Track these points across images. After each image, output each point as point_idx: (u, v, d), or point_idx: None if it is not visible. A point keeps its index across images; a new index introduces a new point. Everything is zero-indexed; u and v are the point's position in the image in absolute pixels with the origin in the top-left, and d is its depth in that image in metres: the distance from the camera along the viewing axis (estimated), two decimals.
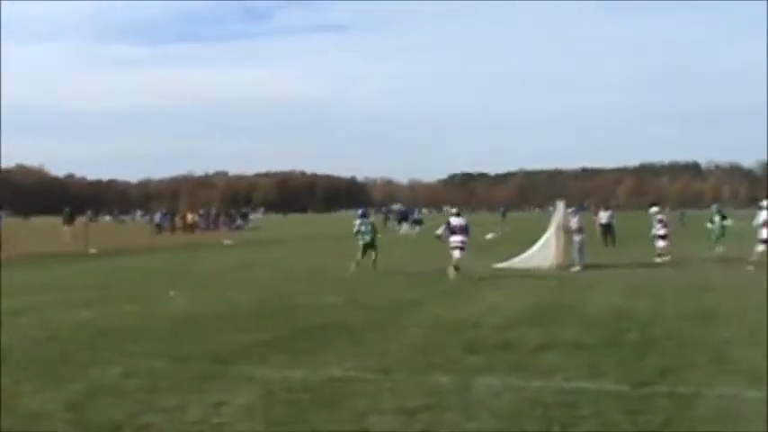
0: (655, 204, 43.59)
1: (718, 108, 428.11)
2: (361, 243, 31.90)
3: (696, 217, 79.14)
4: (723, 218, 40.20)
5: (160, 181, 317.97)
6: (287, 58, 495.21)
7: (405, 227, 75.20)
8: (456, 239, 29.66)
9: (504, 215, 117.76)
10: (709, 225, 41.62)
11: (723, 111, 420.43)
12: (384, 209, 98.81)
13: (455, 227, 30.05)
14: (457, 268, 28.83)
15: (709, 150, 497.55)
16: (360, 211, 34.30)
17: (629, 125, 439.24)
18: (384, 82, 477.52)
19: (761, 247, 30.53)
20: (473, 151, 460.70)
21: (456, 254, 29.34)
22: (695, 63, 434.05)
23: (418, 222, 74.51)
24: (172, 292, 24.05)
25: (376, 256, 31.67)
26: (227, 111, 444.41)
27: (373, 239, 32.04)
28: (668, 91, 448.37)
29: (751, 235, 32.37)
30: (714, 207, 44.56)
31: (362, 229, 32.12)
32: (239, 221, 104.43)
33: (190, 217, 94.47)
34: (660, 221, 35.71)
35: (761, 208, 31.78)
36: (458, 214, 31.39)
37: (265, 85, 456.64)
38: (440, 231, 31.01)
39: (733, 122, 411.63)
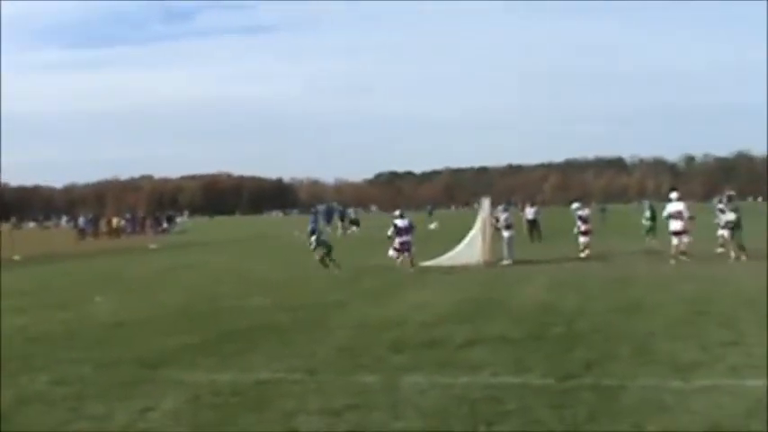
0: (576, 200, 43.85)
1: (641, 105, 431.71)
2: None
3: (621, 212, 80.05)
4: (653, 213, 40.49)
5: (85, 186, 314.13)
6: (211, 59, 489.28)
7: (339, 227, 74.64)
8: (402, 240, 31.78)
9: (430, 213, 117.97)
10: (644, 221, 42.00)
11: (646, 107, 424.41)
12: (313, 209, 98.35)
13: (401, 228, 31.91)
14: (413, 264, 31.12)
15: (634, 145, 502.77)
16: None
17: (553, 123, 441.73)
18: (309, 82, 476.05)
19: (674, 240, 30.84)
20: (399, 150, 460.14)
21: (405, 254, 31.61)
22: (618, 62, 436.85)
23: (355, 223, 74.10)
24: (98, 298, 23.85)
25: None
26: (152, 114, 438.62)
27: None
28: (593, 89, 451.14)
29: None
30: (646, 203, 44.91)
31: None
32: (165, 225, 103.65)
33: (115, 221, 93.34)
34: (580, 218, 35.91)
35: (670, 200, 32.08)
36: (401, 216, 33.07)
37: (190, 87, 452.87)
38: (390, 232, 32.71)
39: (656, 118, 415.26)
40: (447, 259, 32.67)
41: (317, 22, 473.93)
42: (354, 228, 71.09)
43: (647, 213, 40.68)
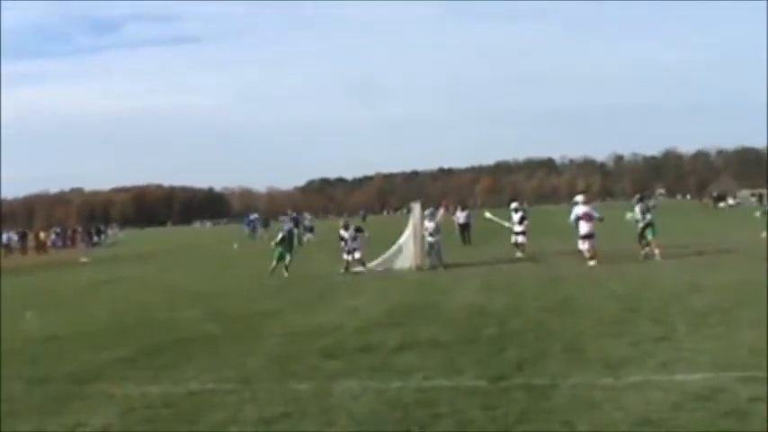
0: (513, 200, 43.86)
1: (568, 106, 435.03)
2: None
3: (553, 213, 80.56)
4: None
5: (14, 200, 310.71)
6: (138, 70, 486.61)
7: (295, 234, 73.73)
8: (351, 246, 33.11)
9: (364, 219, 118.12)
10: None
11: (576, 109, 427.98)
12: (247, 218, 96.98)
13: (347, 238, 33.41)
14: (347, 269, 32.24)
15: (563, 146, 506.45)
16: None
17: (482, 126, 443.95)
18: (238, 92, 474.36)
19: (583, 244, 30.80)
20: (330, 158, 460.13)
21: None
22: (545, 65, 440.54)
23: (310, 230, 73.64)
24: (28, 314, 23.57)
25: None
26: (80, 126, 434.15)
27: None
28: (521, 92, 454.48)
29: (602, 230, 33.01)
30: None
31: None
32: (96, 238, 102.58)
33: (43, 235, 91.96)
34: (522, 217, 35.95)
35: (576, 203, 32.12)
36: (346, 227, 34.06)
37: (117, 98, 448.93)
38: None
39: (586, 119, 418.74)
40: (379, 264, 32.72)
41: (244, 33, 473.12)
42: (309, 235, 70.78)
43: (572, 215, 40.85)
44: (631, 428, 9.16)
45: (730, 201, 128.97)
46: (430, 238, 32.51)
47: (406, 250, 32.67)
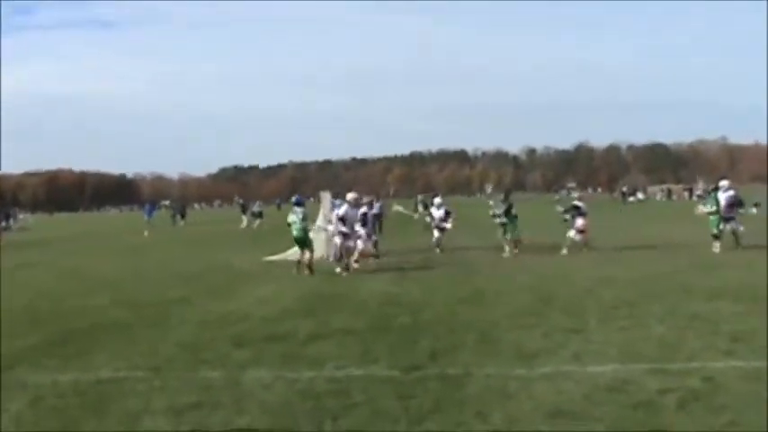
0: (435, 195, 43.46)
1: (484, 100, 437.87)
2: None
3: (468, 205, 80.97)
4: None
5: None
6: (49, 54, 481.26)
7: (245, 219, 73.48)
8: None
9: (279, 207, 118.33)
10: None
11: (490, 103, 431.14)
12: (168, 204, 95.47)
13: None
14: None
15: (476, 139, 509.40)
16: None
17: (396, 117, 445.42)
18: (151, 78, 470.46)
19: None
20: (243, 144, 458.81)
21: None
22: (459, 61, 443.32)
23: (258, 215, 73.16)
24: None
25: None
26: None
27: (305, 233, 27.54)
28: (435, 85, 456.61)
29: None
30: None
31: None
32: (5, 222, 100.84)
33: None
34: (447, 212, 35.67)
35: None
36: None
37: (28, 82, 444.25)
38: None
39: (499, 112, 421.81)
40: (292, 254, 32.57)
41: (159, 18, 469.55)
42: (259, 220, 70.52)
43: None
44: (544, 419, 9.24)
45: (640, 195, 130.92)
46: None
47: (318, 240, 32.53)
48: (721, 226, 28.90)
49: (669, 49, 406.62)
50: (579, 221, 31.23)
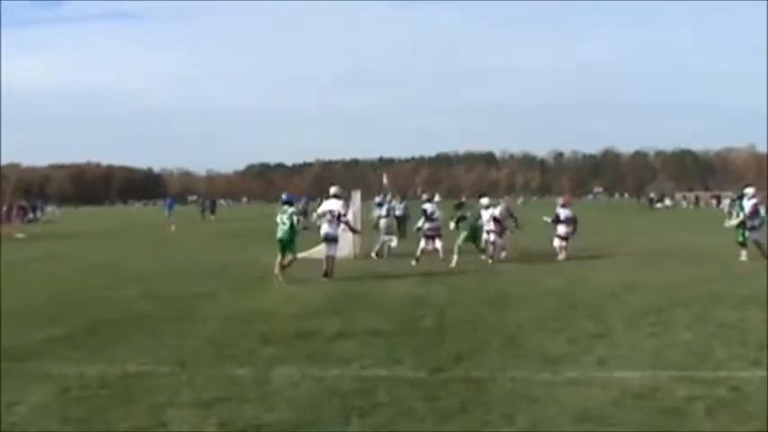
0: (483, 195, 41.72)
1: (512, 102, 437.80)
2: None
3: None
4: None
5: None
6: (79, 46, 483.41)
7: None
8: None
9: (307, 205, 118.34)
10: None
11: (518, 105, 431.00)
12: (195, 199, 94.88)
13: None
14: None
15: (504, 141, 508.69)
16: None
17: (423, 117, 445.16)
18: (180, 72, 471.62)
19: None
20: (270, 143, 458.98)
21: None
22: (489, 60, 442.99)
23: (303, 213, 72.45)
24: None
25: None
26: (19, 101, 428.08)
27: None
28: (463, 85, 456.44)
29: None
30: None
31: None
32: (32, 215, 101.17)
33: None
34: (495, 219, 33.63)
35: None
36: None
37: (58, 73, 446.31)
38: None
39: (528, 115, 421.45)
40: (317, 252, 32.54)
41: (189, 12, 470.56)
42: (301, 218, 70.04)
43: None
44: (570, 423, 9.22)
45: (667, 202, 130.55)
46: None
47: (345, 239, 32.51)
48: (747, 234, 28.76)
49: (700, 53, 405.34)
50: (561, 228, 31.18)
